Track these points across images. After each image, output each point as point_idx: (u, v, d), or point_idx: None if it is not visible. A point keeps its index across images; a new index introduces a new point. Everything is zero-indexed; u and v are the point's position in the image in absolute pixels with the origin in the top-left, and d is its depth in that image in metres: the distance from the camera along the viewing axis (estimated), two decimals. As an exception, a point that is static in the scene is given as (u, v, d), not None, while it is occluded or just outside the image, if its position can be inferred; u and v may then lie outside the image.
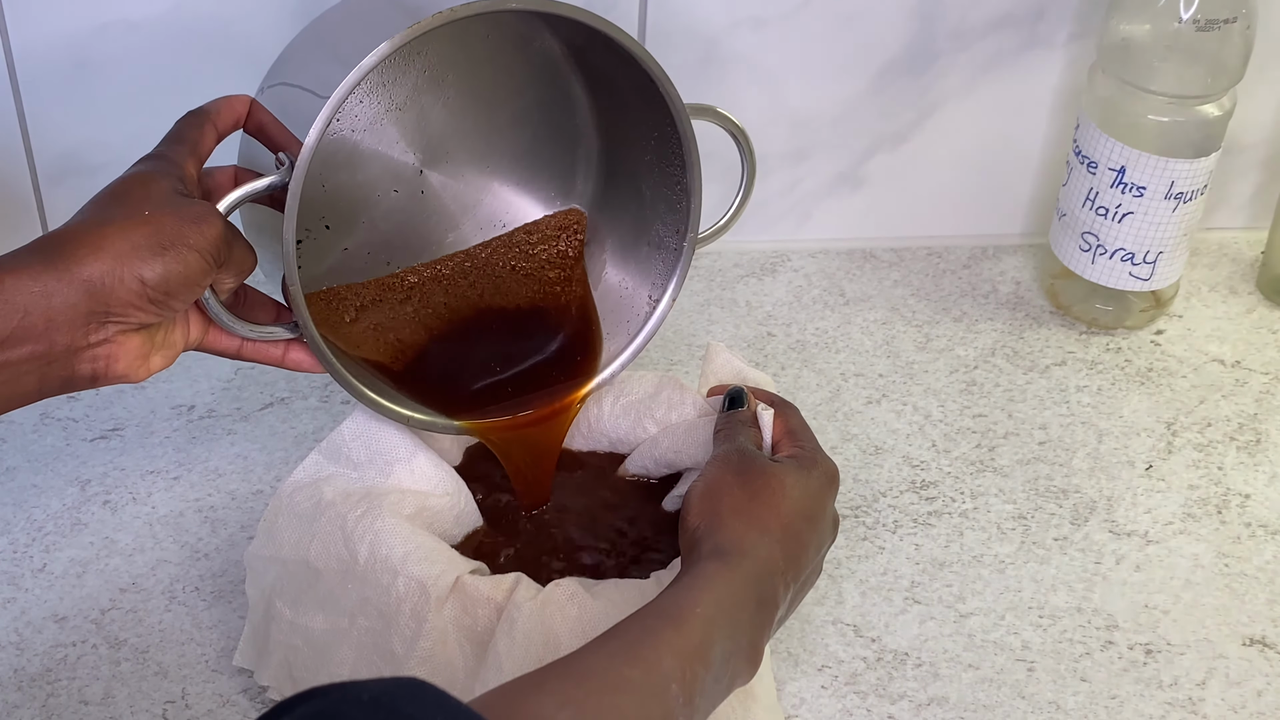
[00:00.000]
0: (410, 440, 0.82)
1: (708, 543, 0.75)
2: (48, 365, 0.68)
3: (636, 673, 0.66)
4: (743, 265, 1.15)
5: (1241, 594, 0.93)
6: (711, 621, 0.70)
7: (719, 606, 0.71)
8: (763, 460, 0.80)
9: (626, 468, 0.89)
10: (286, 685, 0.81)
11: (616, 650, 0.67)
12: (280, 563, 0.81)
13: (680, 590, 0.72)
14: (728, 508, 0.76)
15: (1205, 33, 0.99)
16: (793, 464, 0.80)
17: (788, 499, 0.77)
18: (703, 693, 0.69)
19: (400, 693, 0.55)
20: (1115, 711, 0.86)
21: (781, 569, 0.75)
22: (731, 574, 0.73)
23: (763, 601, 0.74)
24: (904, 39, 1.08)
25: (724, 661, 0.70)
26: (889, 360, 1.08)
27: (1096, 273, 1.08)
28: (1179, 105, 1.02)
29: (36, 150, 1.06)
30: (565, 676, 0.65)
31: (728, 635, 0.71)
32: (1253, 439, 1.03)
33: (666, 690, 0.66)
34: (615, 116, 0.89)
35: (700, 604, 0.70)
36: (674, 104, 0.83)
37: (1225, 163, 1.13)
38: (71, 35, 1.02)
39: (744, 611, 0.72)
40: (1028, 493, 0.98)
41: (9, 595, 0.89)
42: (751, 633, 0.73)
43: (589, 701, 0.63)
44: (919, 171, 1.15)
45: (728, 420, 0.83)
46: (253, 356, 0.79)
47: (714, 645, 0.70)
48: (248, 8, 1.02)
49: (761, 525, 0.76)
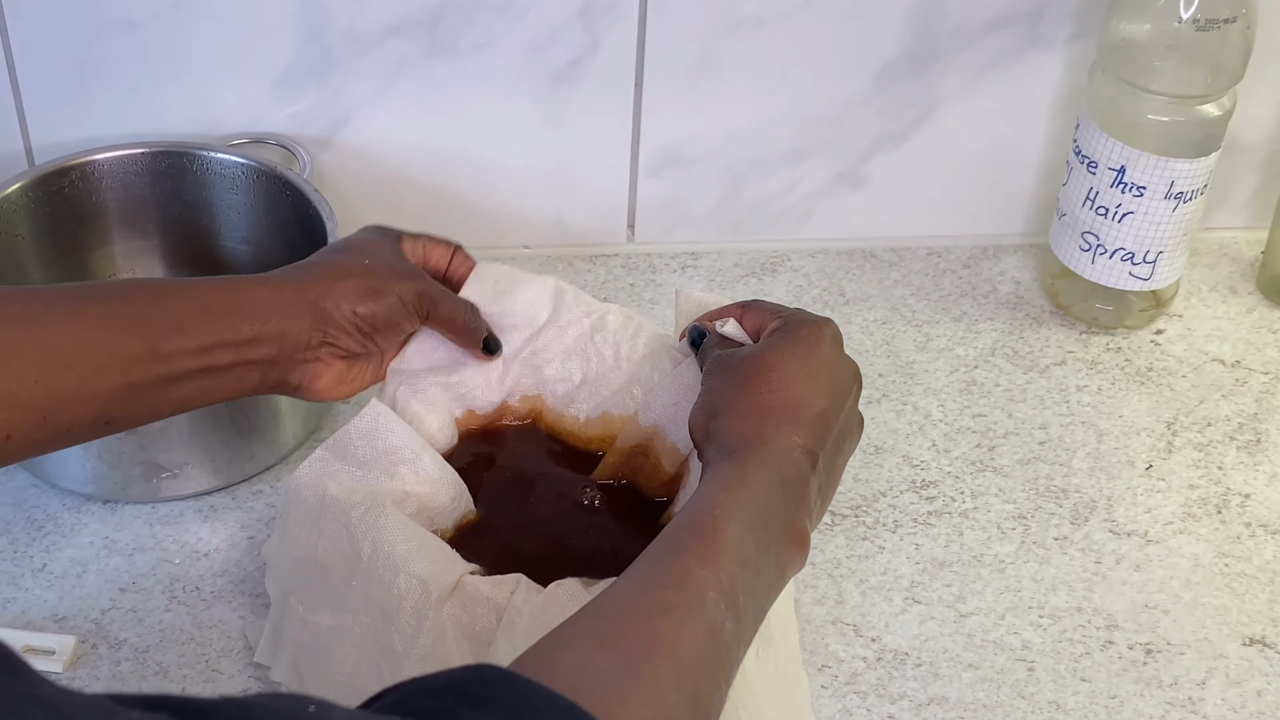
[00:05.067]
0: (416, 442, 0.82)
1: (711, 449, 0.74)
2: (271, 367, 0.80)
3: (669, 593, 0.64)
4: (743, 265, 1.15)
5: (1241, 594, 0.93)
6: (735, 518, 0.69)
7: (738, 502, 0.70)
8: (741, 352, 0.79)
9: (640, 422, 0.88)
10: (294, 681, 0.82)
11: (645, 576, 0.66)
12: (293, 560, 0.81)
13: (696, 500, 0.71)
14: (722, 409, 0.76)
15: (1205, 33, 0.99)
16: (773, 338, 0.79)
17: (778, 371, 0.76)
18: (748, 591, 0.67)
19: (469, 675, 0.56)
20: (1115, 711, 0.86)
21: (797, 441, 0.74)
22: (742, 467, 0.72)
23: (786, 481, 0.72)
24: (904, 39, 1.08)
25: (762, 553, 0.69)
26: (889, 360, 1.08)
27: (1096, 272, 1.08)
28: (1179, 105, 1.02)
29: (36, 150, 1.06)
30: (596, 616, 0.63)
31: (759, 525, 0.69)
32: (1253, 439, 1.03)
33: (704, 601, 0.64)
34: None
35: (719, 505, 0.69)
36: None
37: (1225, 163, 1.13)
38: (71, 35, 1.02)
39: (768, 497, 0.71)
40: (1028, 492, 0.98)
41: (9, 595, 0.89)
42: (785, 515, 0.71)
43: (626, 636, 0.62)
44: (919, 171, 1.15)
45: (701, 355, 0.83)
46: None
47: (745, 540, 0.68)
48: (248, 8, 1.02)
49: (758, 409, 0.75)
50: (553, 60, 1.06)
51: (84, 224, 1.03)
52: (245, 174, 1.03)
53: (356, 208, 1.11)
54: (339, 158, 1.09)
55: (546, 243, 1.15)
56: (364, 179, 1.10)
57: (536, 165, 1.11)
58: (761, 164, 1.13)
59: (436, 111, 1.08)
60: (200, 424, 0.92)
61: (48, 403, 0.72)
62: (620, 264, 1.15)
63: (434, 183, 1.11)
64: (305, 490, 0.81)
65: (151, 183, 1.03)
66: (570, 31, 1.05)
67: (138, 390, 0.75)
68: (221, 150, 1.03)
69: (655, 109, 1.09)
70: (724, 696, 0.64)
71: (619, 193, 1.14)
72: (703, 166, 1.13)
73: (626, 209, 1.15)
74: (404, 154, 1.10)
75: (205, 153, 1.03)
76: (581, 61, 1.07)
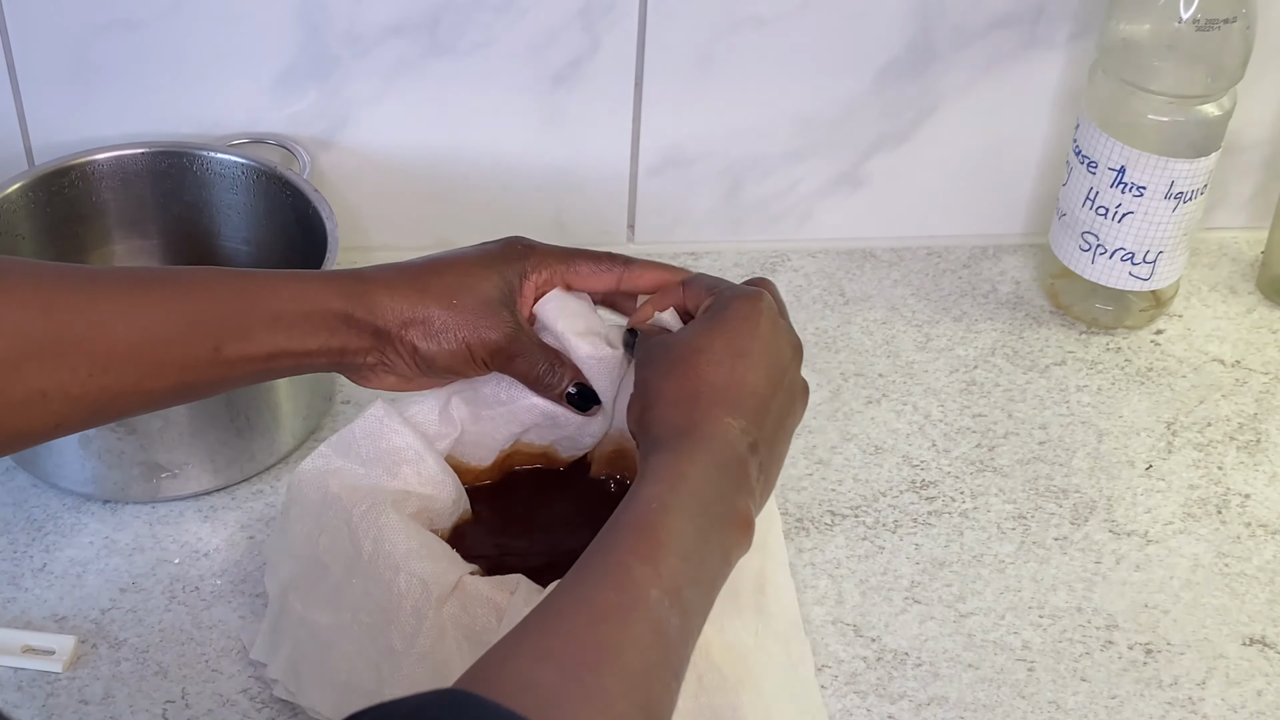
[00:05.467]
0: (420, 443, 0.82)
1: (645, 441, 0.73)
2: (337, 366, 0.79)
3: (610, 595, 0.63)
4: (743, 265, 1.15)
5: (1241, 594, 0.93)
6: (673, 510, 0.67)
7: (675, 492, 0.68)
8: (669, 338, 0.77)
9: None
10: (292, 680, 0.81)
11: (585, 579, 0.65)
12: (294, 558, 0.81)
13: (632, 496, 0.69)
14: (653, 399, 0.74)
15: (1205, 33, 0.99)
16: (701, 319, 0.77)
17: (705, 354, 0.74)
18: (692, 583, 0.66)
19: (439, 702, 0.54)
20: (1115, 711, 0.86)
21: (731, 423, 0.72)
22: (675, 456, 0.70)
23: (723, 465, 0.70)
24: (904, 39, 1.08)
25: (704, 541, 0.67)
26: (889, 360, 1.08)
27: (1096, 272, 1.08)
28: (1179, 105, 1.02)
29: (36, 150, 1.06)
30: (539, 626, 0.62)
31: (698, 513, 0.68)
32: (1253, 439, 1.03)
33: (646, 600, 0.63)
34: None
35: (655, 499, 0.67)
36: None
37: (1225, 163, 1.13)
38: (71, 35, 1.02)
39: (706, 484, 0.69)
40: (1028, 492, 0.98)
41: (9, 595, 0.89)
42: (726, 500, 0.70)
43: (568, 646, 0.61)
44: (919, 171, 1.14)
45: (636, 351, 0.81)
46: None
47: (686, 531, 0.67)
48: (248, 8, 1.02)
49: (688, 395, 0.73)
50: (553, 60, 1.06)
51: (84, 224, 1.03)
52: (245, 174, 1.03)
53: (356, 208, 1.11)
54: (339, 158, 1.09)
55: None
56: (364, 179, 1.10)
57: (536, 165, 1.11)
58: (761, 164, 1.13)
59: (436, 111, 1.08)
60: (200, 424, 0.92)
61: (101, 397, 0.72)
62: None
63: (434, 183, 1.11)
64: (307, 487, 0.81)
65: (151, 183, 1.03)
66: (570, 31, 1.05)
67: (194, 387, 0.76)
68: (221, 150, 1.03)
69: (655, 109, 1.09)
70: (675, 696, 0.63)
71: (619, 193, 1.14)
72: (703, 166, 1.13)
73: (626, 209, 1.14)
74: (404, 154, 1.10)
75: (205, 153, 1.03)
76: (581, 61, 1.07)
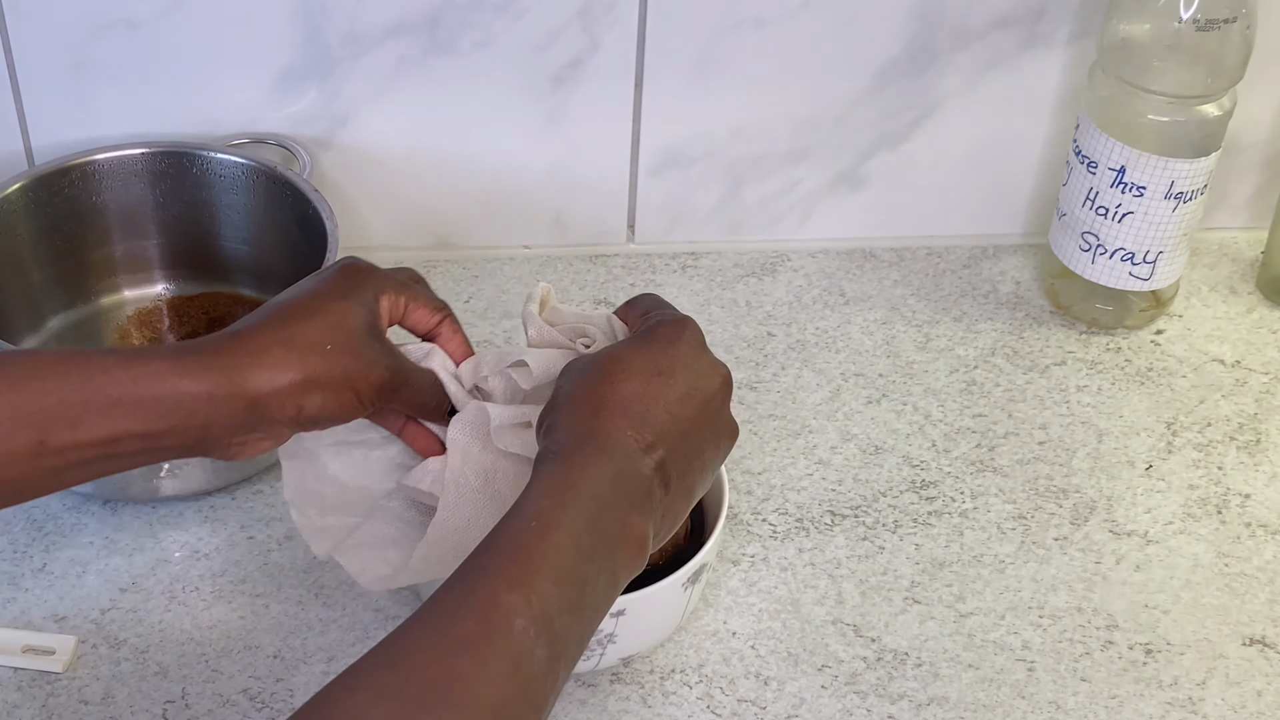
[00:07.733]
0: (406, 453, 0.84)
1: (541, 447, 0.70)
2: (189, 449, 0.71)
3: (468, 625, 0.60)
4: (743, 265, 1.15)
5: (1241, 594, 0.93)
6: (555, 527, 0.64)
7: (560, 507, 0.65)
8: (593, 352, 0.76)
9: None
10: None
11: (445, 607, 0.61)
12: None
13: (513, 512, 0.65)
14: (561, 405, 0.71)
15: (1205, 33, 0.99)
16: (629, 337, 0.76)
17: (623, 365, 0.71)
18: (567, 609, 0.62)
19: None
20: (1115, 711, 0.86)
21: (633, 436, 0.69)
22: (566, 467, 0.67)
23: (618, 477, 0.67)
24: (904, 39, 1.08)
25: (587, 561, 0.64)
26: (889, 360, 1.08)
27: (1096, 273, 1.08)
28: (1179, 105, 1.02)
29: (36, 150, 1.06)
30: (386, 662, 0.59)
31: (582, 530, 0.64)
32: (1253, 439, 1.03)
33: (509, 631, 0.60)
34: None
35: (535, 517, 0.64)
36: None
37: (1225, 163, 1.13)
38: (71, 35, 1.02)
39: (596, 496, 0.66)
40: (1028, 493, 0.98)
41: (9, 595, 0.89)
42: (618, 514, 0.66)
43: (410, 683, 0.57)
44: (919, 171, 1.15)
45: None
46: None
47: (566, 552, 0.63)
48: (248, 8, 1.02)
49: (595, 403, 0.70)
50: (553, 60, 1.06)
51: (84, 224, 1.03)
52: (245, 174, 1.03)
53: (356, 208, 1.11)
54: (339, 158, 1.09)
55: (546, 243, 1.15)
56: (364, 179, 1.10)
57: (536, 165, 1.11)
58: (761, 164, 1.13)
59: (436, 111, 1.08)
60: (200, 424, 0.92)
61: None
62: (620, 264, 1.15)
63: (434, 183, 1.11)
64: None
65: (151, 183, 1.03)
66: (570, 31, 1.05)
67: (17, 484, 0.68)
68: (221, 150, 1.03)
69: (655, 109, 1.09)
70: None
71: (619, 193, 1.14)
72: (703, 166, 1.13)
73: (626, 209, 1.15)
74: (404, 154, 1.10)
75: (205, 153, 1.03)
76: (581, 61, 1.07)
